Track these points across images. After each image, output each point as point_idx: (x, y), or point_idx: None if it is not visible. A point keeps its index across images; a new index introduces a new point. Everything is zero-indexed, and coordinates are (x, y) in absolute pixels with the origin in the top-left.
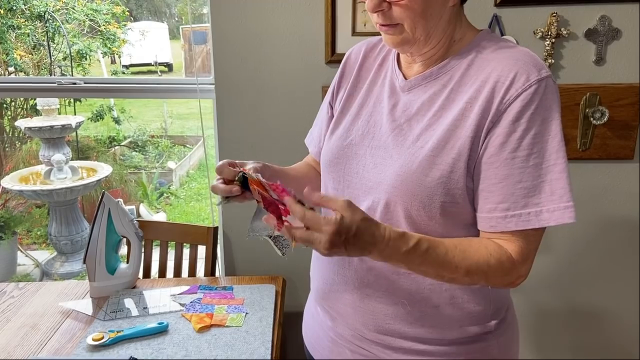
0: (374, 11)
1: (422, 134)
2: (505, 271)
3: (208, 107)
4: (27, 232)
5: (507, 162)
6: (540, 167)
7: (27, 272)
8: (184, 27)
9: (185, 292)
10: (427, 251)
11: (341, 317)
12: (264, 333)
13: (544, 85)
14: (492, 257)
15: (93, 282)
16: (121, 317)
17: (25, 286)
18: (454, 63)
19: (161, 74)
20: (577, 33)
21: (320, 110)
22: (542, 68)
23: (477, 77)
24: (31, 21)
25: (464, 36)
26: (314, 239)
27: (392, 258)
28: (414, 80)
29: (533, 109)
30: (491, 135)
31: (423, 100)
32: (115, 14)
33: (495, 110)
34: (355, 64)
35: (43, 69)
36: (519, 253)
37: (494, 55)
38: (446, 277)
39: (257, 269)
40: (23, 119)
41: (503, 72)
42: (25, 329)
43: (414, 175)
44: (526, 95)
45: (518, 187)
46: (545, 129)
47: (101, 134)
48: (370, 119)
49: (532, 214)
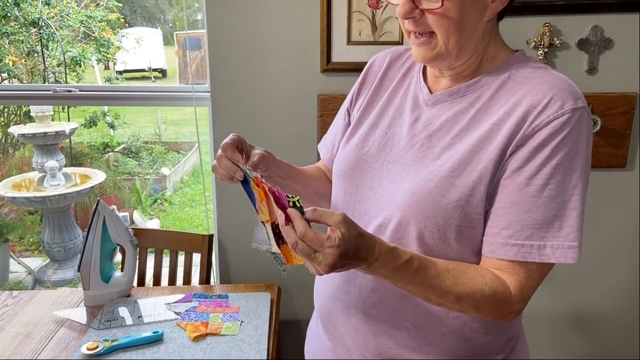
0: (404, 17)
1: (442, 152)
2: (498, 304)
3: (202, 112)
4: (20, 239)
5: (521, 188)
6: (554, 200)
7: (20, 280)
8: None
9: (180, 300)
10: (417, 271)
11: (342, 337)
12: (260, 342)
13: (577, 116)
14: (487, 287)
15: (87, 291)
16: (116, 326)
17: (19, 294)
18: (485, 82)
19: (155, 80)
20: (569, 43)
21: (337, 117)
22: (578, 98)
23: (508, 100)
24: (25, 27)
25: (497, 55)
26: (315, 258)
27: (379, 272)
28: (439, 95)
29: (560, 138)
30: (512, 158)
31: (447, 116)
32: (109, 21)
33: (522, 134)
34: (379, 72)
35: (37, 75)
36: (517, 288)
37: (529, 78)
38: (434, 300)
39: (252, 277)
40: (16, 125)
41: (537, 97)
42: (19, 338)
43: (431, 195)
44: (557, 123)
45: (526, 216)
46: (568, 162)
47: (95, 140)
48: (389, 130)
49: (535, 247)
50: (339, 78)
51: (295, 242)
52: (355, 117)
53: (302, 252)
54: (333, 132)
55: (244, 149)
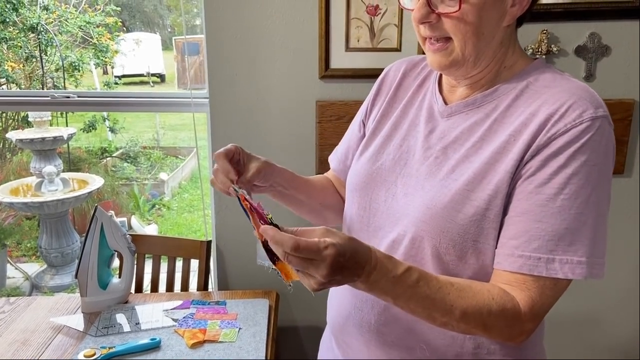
0: (420, 22)
1: (458, 165)
2: (508, 322)
3: (200, 117)
4: (17, 244)
5: (531, 197)
6: (567, 212)
7: (17, 285)
8: (177, 38)
9: (177, 307)
10: (418, 282)
11: (355, 354)
12: (258, 349)
13: (597, 125)
14: (494, 302)
15: (85, 297)
16: (113, 333)
17: (16, 301)
18: (501, 92)
19: (153, 85)
20: (567, 50)
21: (350, 127)
22: (599, 106)
23: (525, 110)
24: (24, 33)
25: (515, 63)
26: (311, 269)
27: (379, 284)
28: (455, 106)
29: (577, 146)
30: (525, 167)
31: (463, 128)
32: (108, 25)
33: (538, 143)
34: (393, 82)
35: (35, 80)
36: (528, 305)
37: (548, 87)
38: (438, 319)
39: (250, 283)
40: (14, 130)
41: (555, 105)
42: (16, 345)
43: (445, 210)
44: (575, 131)
45: (535, 226)
46: (585, 172)
47: (93, 145)
48: (404, 143)
49: (543, 260)
50: (337, 84)
51: (286, 257)
52: (370, 129)
53: (297, 264)
54: (346, 142)
55: (242, 159)
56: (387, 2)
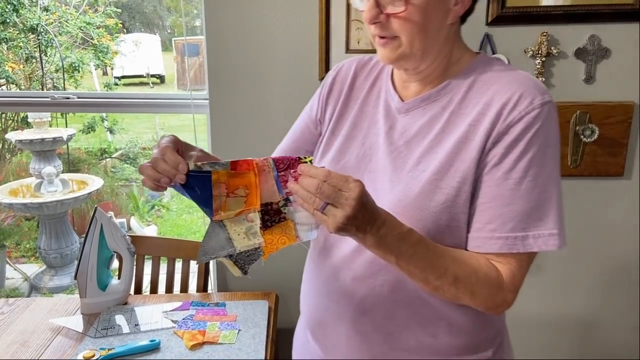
0: (371, 23)
1: (422, 157)
2: (492, 289)
3: (200, 118)
4: (16, 245)
5: (500, 183)
6: (532, 192)
7: (16, 286)
8: (177, 39)
9: (177, 308)
10: (419, 242)
11: (334, 347)
12: (257, 350)
13: (546, 110)
14: (481, 269)
15: (84, 299)
16: (112, 335)
17: (15, 302)
18: (453, 85)
19: (153, 86)
20: (567, 52)
21: (299, 125)
22: (545, 92)
23: (480, 100)
24: (24, 34)
25: (462, 58)
26: (341, 196)
27: (386, 239)
28: (411, 102)
29: (533, 132)
30: (489, 154)
31: (422, 122)
32: (108, 26)
33: (497, 131)
34: (346, 82)
35: (35, 81)
36: (510, 277)
37: (496, 77)
38: (432, 282)
39: (249, 285)
40: (14, 131)
41: (507, 95)
42: (15, 346)
43: (417, 199)
44: (529, 118)
45: (507, 209)
46: (542, 154)
47: (92, 146)
48: (366, 141)
49: (519, 238)
50: None
51: (320, 185)
52: (328, 129)
53: (328, 192)
54: (296, 140)
55: (180, 149)
56: None
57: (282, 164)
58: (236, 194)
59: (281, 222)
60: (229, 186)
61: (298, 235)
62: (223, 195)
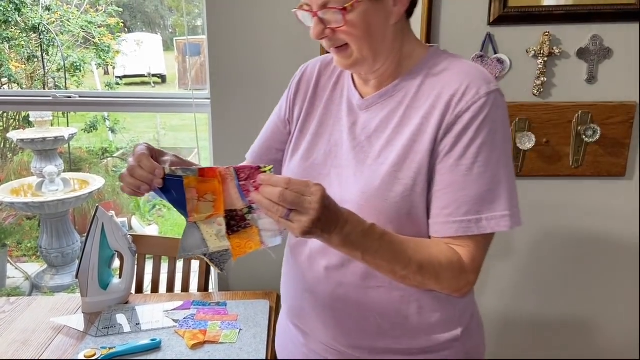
0: (318, 38)
1: (382, 150)
2: (455, 273)
3: (201, 118)
4: (18, 244)
5: (452, 170)
6: (483, 176)
7: (17, 285)
8: (178, 39)
9: (178, 307)
10: (383, 237)
11: (313, 333)
12: (258, 350)
13: (492, 98)
14: (443, 255)
15: (85, 298)
16: (113, 334)
17: (16, 301)
18: (408, 80)
19: (155, 85)
20: (569, 52)
21: (269, 125)
22: (490, 82)
23: (431, 93)
24: (26, 33)
25: (414, 52)
26: (304, 202)
27: (351, 237)
28: (371, 98)
29: (481, 120)
30: (441, 144)
31: (381, 117)
32: (109, 26)
33: (447, 121)
34: (311, 82)
35: (36, 80)
36: (469, 258)
37: (446, 71)
38: (399, 272)
39: (250, 284)
40: (15, 130)
41: (455, 86)
42: (16, 345)
43: (378, 191)
44: (475, 107)
45: (460, 194)
46: (490, 140)
47: (93, 145)
48: (331, 138)
49: (473, 221)
50: None
51: (282, 193)
52: (297, 128)
53: (290, 199)
54: (267, 139)
55: (154, 155)
56: None
57: (242, 174)
58: (205, 198)
59: (247, 228)
60: (199, 191)
61: (263, 241)
62: (195, 199)
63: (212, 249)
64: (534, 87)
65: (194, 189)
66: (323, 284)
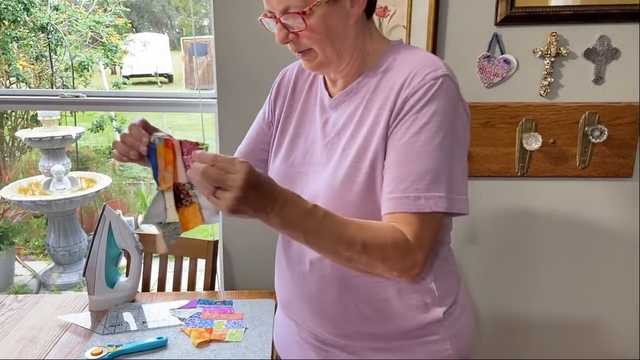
0: (283, 43)
1: (347, 145)
2: (401, 252)
3: (207, 118)
4: (25, 242)
5: (395, 149)
6: (424, 155)
7: (25, 283)
8: (185, 39)
9: (184, 306)
10: (325, 217)
11: (304, 323)
12: (264, 349)
13: (439, 82)
14: (388, 233)
15: (92, 296)
16: (120, 332)
17: (24, 298)
18: (370, 75)
19: (161, 85)
20: (576, 52)
21: (254, 127)
22: (439, 68)
23: (387, 85)
24: (34, 32)
25: (377, 48)
26: (227, 179)
27: (291, 217)
28: (338, 97)
29: (425, 101)
30: (390, 129)
31: (348, 114)
32: (117, 26)
33: (397, 108)
34: (289, 86)
35: (44, 79)
36: (413, 236)
37: (401, 62)
38: (343, 254)
39: (256, 283)
40: (23, 129)
41: (404, 75)
42: (23, 342)
43: (343, 183)
44: (421, 91)
45: (401, 171)
46: (435, 121)
47: (101, 144)
48: (308, 137)
49: (411, 198)
50: None
51: (206, 170)
52: (278, 130)
53: (214, 176)
54: (252, 140)
55: (148, 129)
56: (396, 3)
57: (185, 148)
58: (168, 169)
59: (192, 204)
60: (165, 161)
61: (204, 218)
62: (162, 169)
63: (168, 220)
64: (540, 88)
65: (163, 159)
66: (308, 277)
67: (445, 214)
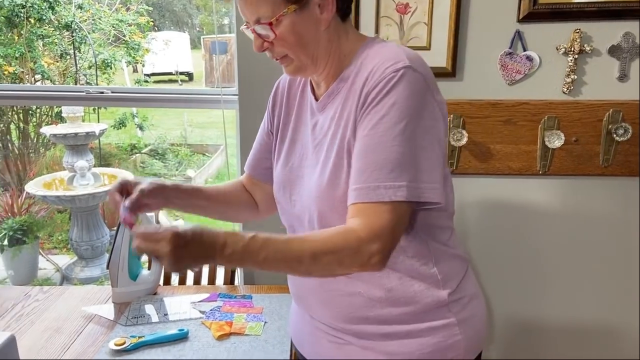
0: (259, 51)
1: (330, 145)
2: (353, 249)
3: (228, 115)
4: (49, 236)
5: (358, 141)
6: (383, 146)
7: (48, 277)
8: (205, 37)
9: (205, 299)
10: (266, 242)
11: (315, 313)
12: (283, 342)
13: (400, 74)
14: (336, 236)
15: (115, 288)
16: (142, 323)
17: (49, 290)
18: (347, 75)
19: (182, 83)
20: (600, 49)
21: (259, 136)
22: (400, 60)
23: (359, 82)
24: (59, 30)
25: (352, 48)
26: (158, 249)
27: (235, 256)
28: (322, 100)
29: (384, 93)
30: (357, 124)
31: (331, 115)
32: (139, 24)
33: (362, 103)
34: (284, 94)
35: (69, 77)
36: (366, 228)
37: (370, 59)
38: (298, 269)
39: (275, 278)
40: (48, 125)
41: (369, 70)
42: (49, 332)
43: (329, 182)
44: (382, 84)
45: (362, 162)
46: (394, 111)
47: (123, 141)
48: (303, 142)
49: (371, 188)
50: None
51: (139, 245)
52: (278, 138)
53: (146, 249)
54: (257, 149)
55: (130, 188)
56: (417, 0)
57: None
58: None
59: None
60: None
61: None
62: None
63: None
64: (563, 85)
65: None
66: None
67: (415, 204)
